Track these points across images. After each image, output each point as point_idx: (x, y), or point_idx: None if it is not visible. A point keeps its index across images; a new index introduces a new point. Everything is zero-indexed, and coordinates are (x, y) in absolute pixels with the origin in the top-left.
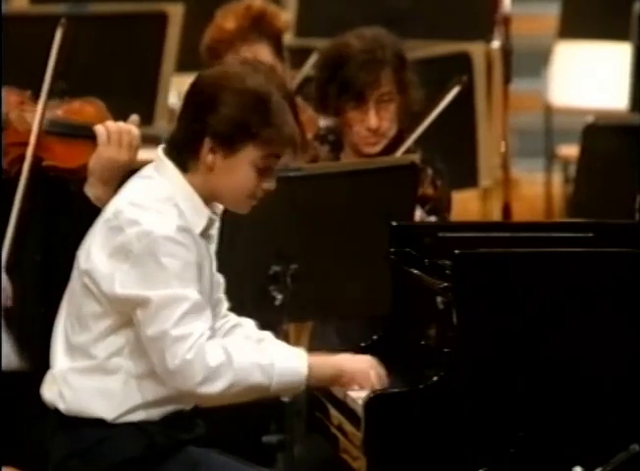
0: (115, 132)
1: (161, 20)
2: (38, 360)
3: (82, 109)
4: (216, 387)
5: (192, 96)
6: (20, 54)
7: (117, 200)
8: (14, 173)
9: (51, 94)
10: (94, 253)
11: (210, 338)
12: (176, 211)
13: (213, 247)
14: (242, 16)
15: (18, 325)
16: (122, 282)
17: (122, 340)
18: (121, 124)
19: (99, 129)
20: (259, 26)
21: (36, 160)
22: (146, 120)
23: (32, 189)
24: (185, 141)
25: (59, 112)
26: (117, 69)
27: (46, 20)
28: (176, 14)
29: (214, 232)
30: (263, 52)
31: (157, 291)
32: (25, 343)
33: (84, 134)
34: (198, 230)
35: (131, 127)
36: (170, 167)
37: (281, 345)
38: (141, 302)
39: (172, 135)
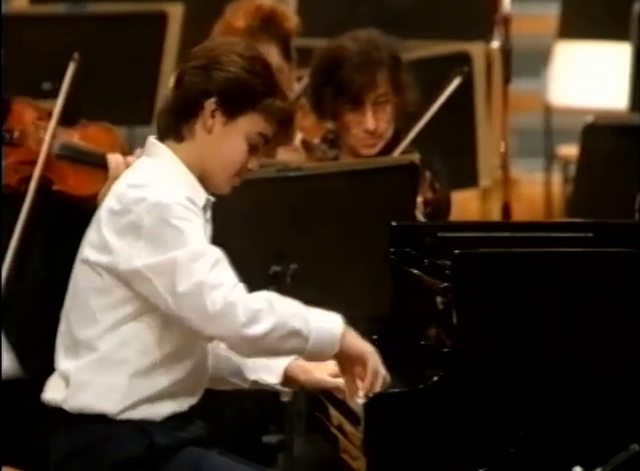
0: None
1: (161, 20)
2: (38, 374)
3: (97, 135)
4: (260, 328)
5: (198, 60)
6: (20, 54)
7: (115, 188)
8: (23, 191)
9: (43, 97)
10: (104, 238)
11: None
12: (179, 186)
13: (208, 231)
14: (252, 15)
15: (18, 339)
16: (140, 256)
17: (129, 333)
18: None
19: (112, 158)
20: (268, 27)
21: (46, 182)
22: (146, 120)
23: (38, 207)
24: (185, 104)
25: (73, 136)
26: (117, 69)
27: (46, 20)
28: (176, 14)
29: (208, 216)
30: (271, 53)
31: (179, 251)
32: (25, 357)
33: (96, 162)
34: (200, 204)
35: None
36: (162, 147)
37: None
38: (165, 265)
39: (169, 102)
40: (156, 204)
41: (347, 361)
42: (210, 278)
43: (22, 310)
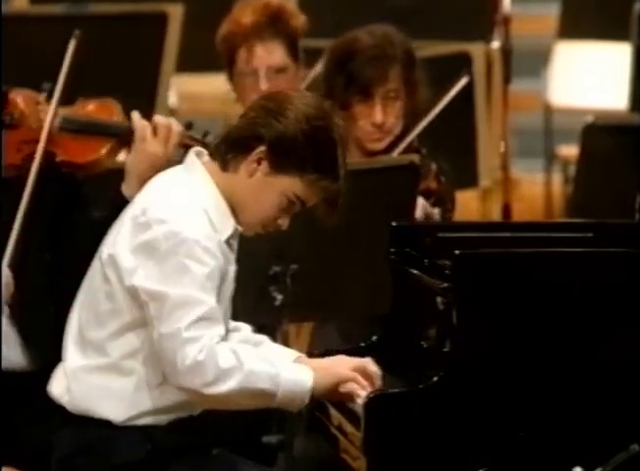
0: (163, 127)
1: (161, 20)
2: (45, 360)
3: (97, 109)
4: (224, 387)
5: (265, 100)
6: (20, 54)
7: (145, 197)
8: (28, 169)
9: (50, 95)
10: (120, 246)
11: (219, 342)
12: (205, 217)
13: (234, 256)
14: (260, 12)
15: (25, 324)
16: (143, 276)
17: (137, 341)
18: (167, 118)
19: (139, 124)
20: (275, 25)
21: (49, 156)
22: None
23: (42, 187)
24: (240, 139)
25: (74, 110)
26: (117, 69)
27: (46, 20)
28: (176, 14)
29: (235, 241)
30: (277, 51)
31: (176, 289)
32: (32, 343)
33: (99, 131)
34: (224, 237)
35: (174, 121)
36: (200, 169)
37: (279, 350)
38: (158, 297)
39: (229, 129)
40: (176, 233)
41: (333, 393)
42: (188, 332)
43: (28, 293)
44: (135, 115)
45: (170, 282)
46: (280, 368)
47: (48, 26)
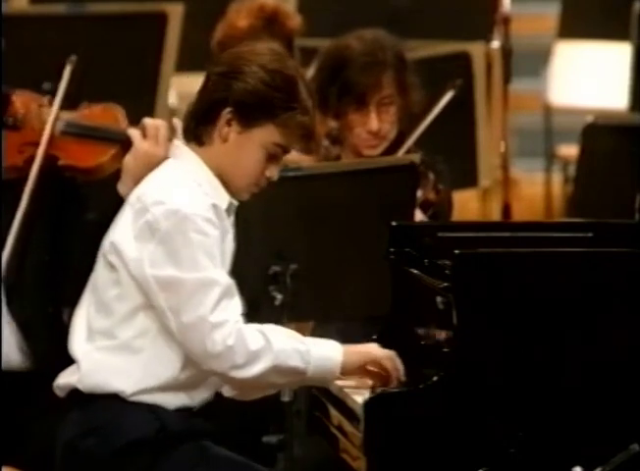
0: (152, 127)
1: (161, 20)
2: (45, 359)
3: (102, 113)
4: (256, 369)
5: (220, 66)
6: (20, 54)
7: (139, 186)
8: (29, 172)
9: (52, 94)
10: (121, 233)
11: (245, 322)
12: (199, 190)
13: (230, 237)
14: (255, 15)
15: (25, 324)
16: (151, 262)
17: (147, 322)
18: (155, 120)
19: (132, 130)
20: (271, 27)
21: (51, 159)
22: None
23: (43, 190)
24: (204, 109)
25: (78, 114)
26: (117, 69)
27: (46, 20)
28: (176, 14)
29: (232, 220)
30: None
31: (189, 274)
32: (31, 343)
33: (102, 136)
34: (223, 207)
35: (161, 122)
36: (186, 150)
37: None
38: (172, 284)
39: (192, 106)
40: (175, 211)
41: (361, 372)
42: (213, 316)
43: (26, 294)
44: (132, 130)
45: (179, 263)
46: (309, 345)
47: (48, 25)
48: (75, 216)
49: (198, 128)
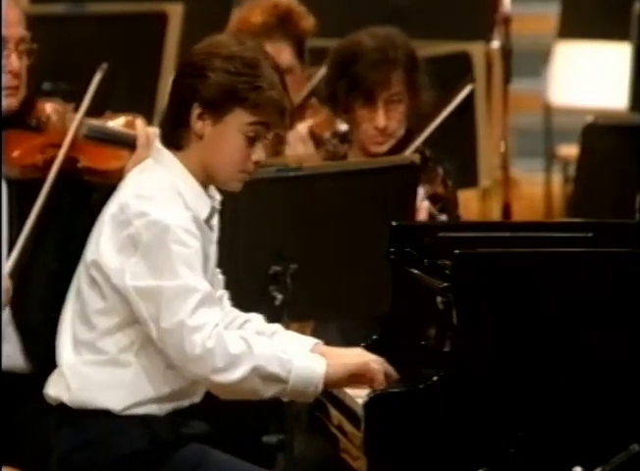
0: (153, 134)
1: (161, 20)
2: (44, 363)
3: (124, 122)
4: (236, 374)
5: (183, 68)
6: None
7: (120, 194)
8: (47, 173)
9: (43, 97)
10: (103, 247)
11: (226, 327)
12: (181, 200)
13: (215, 236)
14: (269, 12)
15: (28, 328)
16: (132, 273)
17: (130, 337)
18: (147, 127)
19: (140, 133)
20: (284, 26)
21: (72, 162)
22: (146, 120)
23: (58, 192)
24: (175, 113)
25: (102, 121)
26: (117, 69)
27: (46, 20)
28: (176, 14)
29: (215, 222)
30: (285, 52)
31: (168, 282)
32: (34, 347)
33: (124, 142)
34: (203, 217)
35: (152, 129)
36: (167, 155)
37: (294, 338)
38: (152, 293)
39: (164, 112)
40: (157, 222)
41: (347, 383)
42: (192, 320)
43: (30, 298)
44: (139, 122)
45: (159, 273)
46: (292, 355)
47: (48, 25)
48: (87, 226)
49: (174, 132)
